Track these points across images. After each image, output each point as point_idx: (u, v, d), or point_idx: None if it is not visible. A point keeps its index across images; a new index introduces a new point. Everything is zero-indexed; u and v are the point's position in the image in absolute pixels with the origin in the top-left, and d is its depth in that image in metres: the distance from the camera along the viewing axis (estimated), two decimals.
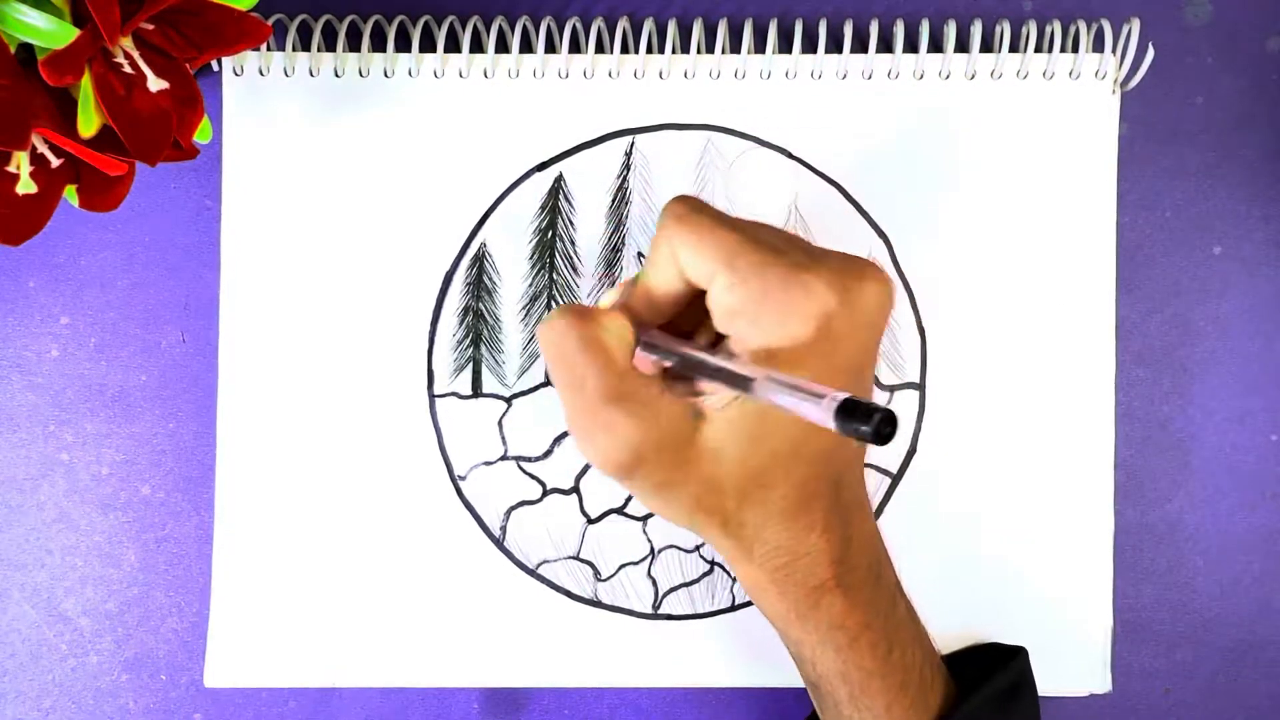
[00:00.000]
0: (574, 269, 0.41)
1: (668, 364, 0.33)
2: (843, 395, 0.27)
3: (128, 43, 0.31)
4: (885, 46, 0.41)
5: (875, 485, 0.41)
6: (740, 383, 0.30)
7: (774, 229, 0.33)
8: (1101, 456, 0.40)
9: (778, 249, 0.32)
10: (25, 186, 0.32)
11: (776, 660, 0.40)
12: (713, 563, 0.41)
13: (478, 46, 0.41)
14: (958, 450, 0.40)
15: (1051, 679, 0.40)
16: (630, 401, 0.32)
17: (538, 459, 0.41)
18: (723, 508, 0.32)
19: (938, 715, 0.35)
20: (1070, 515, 0.40)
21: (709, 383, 0.32)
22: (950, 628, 0.40)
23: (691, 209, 0.33)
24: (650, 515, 0.41)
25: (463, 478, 0.41)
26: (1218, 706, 0.42)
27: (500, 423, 0.41)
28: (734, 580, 0.40)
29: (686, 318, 0.34)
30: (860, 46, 0.41)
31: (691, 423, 0.32)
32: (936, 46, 0.41)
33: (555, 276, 0.41)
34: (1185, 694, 0.42)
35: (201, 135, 0.34)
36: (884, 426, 0.26)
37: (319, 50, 0.40)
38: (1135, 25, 0.39)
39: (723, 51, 0.40)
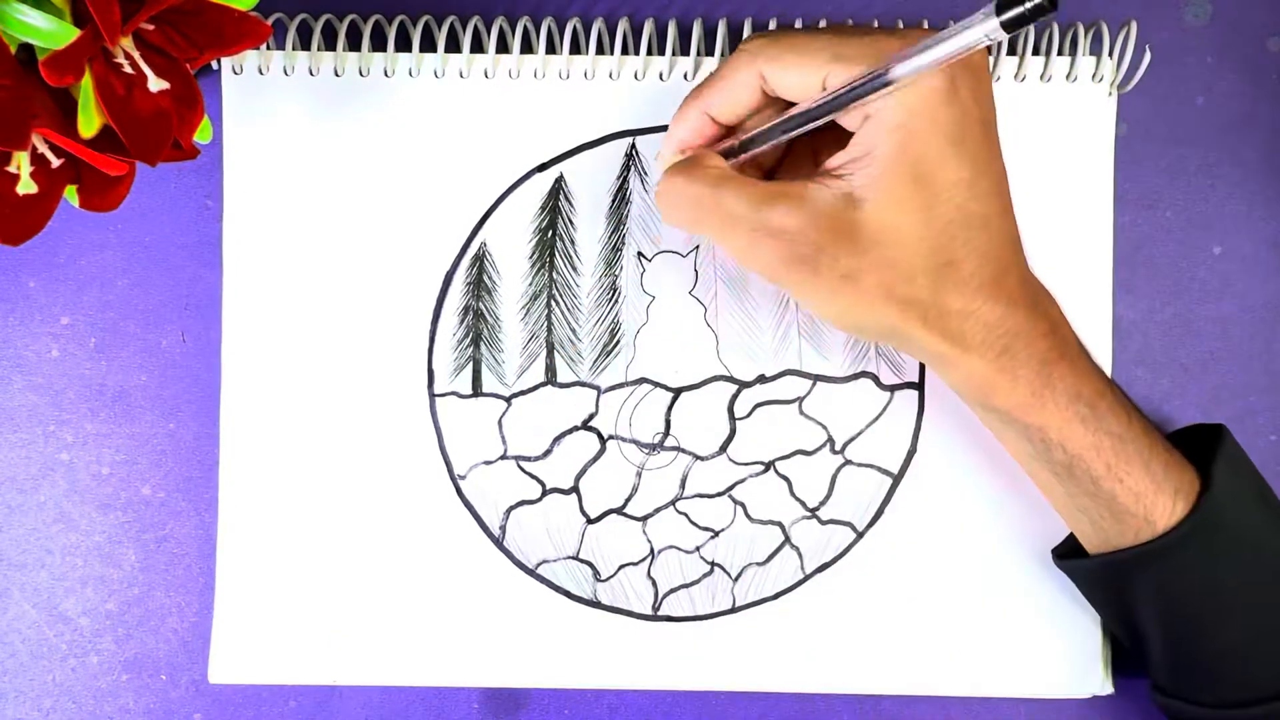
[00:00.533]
0: (574, 269, 0.41)
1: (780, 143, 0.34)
2: (990, 6, 0.27)
3: (128, 43, 0.31)
4: None
5: (875, 485, 0.41)
6: (875, 80, 0.31)
7: (847, 27, 0.34)
8: None
9: (864, 29, 0.33)
10: (25, 186, 0.32)
11: (778, 664, 0.40)
12: (713, 564, 0.41)
13: (478, 46, 0.41)
14: (958, 450, 0.40)
15: (1052, 681, 0.40)
16: (783, 199, 0.32)
17: (537, 458, 0.41)
18: (918, 297, 0.32)
19: (1195, 469, 0.35)
20: None
21: (829, 154, 0.33)
22: (950, 627, 0.40)
23: (769, 35, 0.34)
24: (650, 515, 0.41)
25: (462, 477, 0.41)
26: None
27: (500, 422, 0.41)
28: (735, 581, 0.41)
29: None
30: None
31: (850, 206, 0.32)
32: None
33: (555, 276, 0.41)
34: None
35: (202, 135, 0.34)
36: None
37: (319, 49, 0.40)
38: (1133, 27, 0.39)
39: (722, 52, 0.40)
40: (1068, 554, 0.38)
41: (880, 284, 0.32)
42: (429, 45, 0.40)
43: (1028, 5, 0.26)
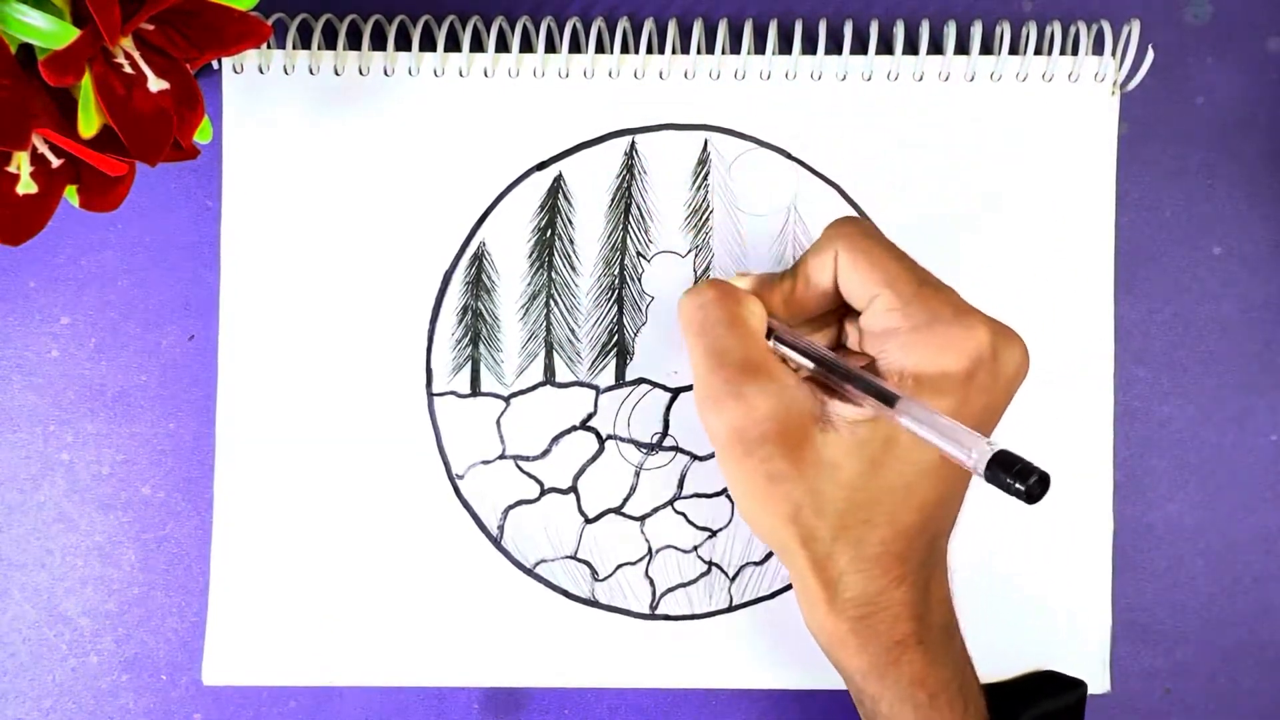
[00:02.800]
0: (573, 268, 0.41)
1: (799, 362, 0.34)
2: (998, 445, 0.27)
3: (128, 43, 0.31)
4: (885, 48, 0.41)
5: None
6: (883, 398, 0.31)
7: (929, 272, 0.34)
8: (1101, 456, 0.40)
9: (941, 286, 0.33)
10: (25, 186, 0.32)
11: (774, 662, 0.40)
12: (710, 563, 0.41)
13: (478, 46, 0.41)
14: None
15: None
16: (768, 379, 0.33)
17: (536, 458, 0.41)
18: (818, 534, 0.32)
19: None
20: (1070, 515, 0.40)
21: (839, 398, 0.33)
22: None
23: (863, 231, 0.34)
24: (648, 515, 0.41)
25: (461, 476, 0.41)
26: (1218, 706, 0.41)
27: (498, 422, 0.41)
28: (731, 581, 0.40)
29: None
30: (860, 47, 0.41)
31: (817, 424, 0.32)
32: (936, 48, 0.41)
33: (554, 275, 0.41)
34: (1185, 694, 0.42)
35: (202, 135, 0.34)
36: (1038, 487, 0.26)
37: (319, 49, 0.40)
38: (1135, 27, 0.39)
39: (723, 52, 0.40)
40: None
41: (793, 502, 0.32)
42: (429, 44, 0.40)
43: (1017, 484, 0.26)
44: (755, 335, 0.34)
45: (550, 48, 0.40)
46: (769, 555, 0.41)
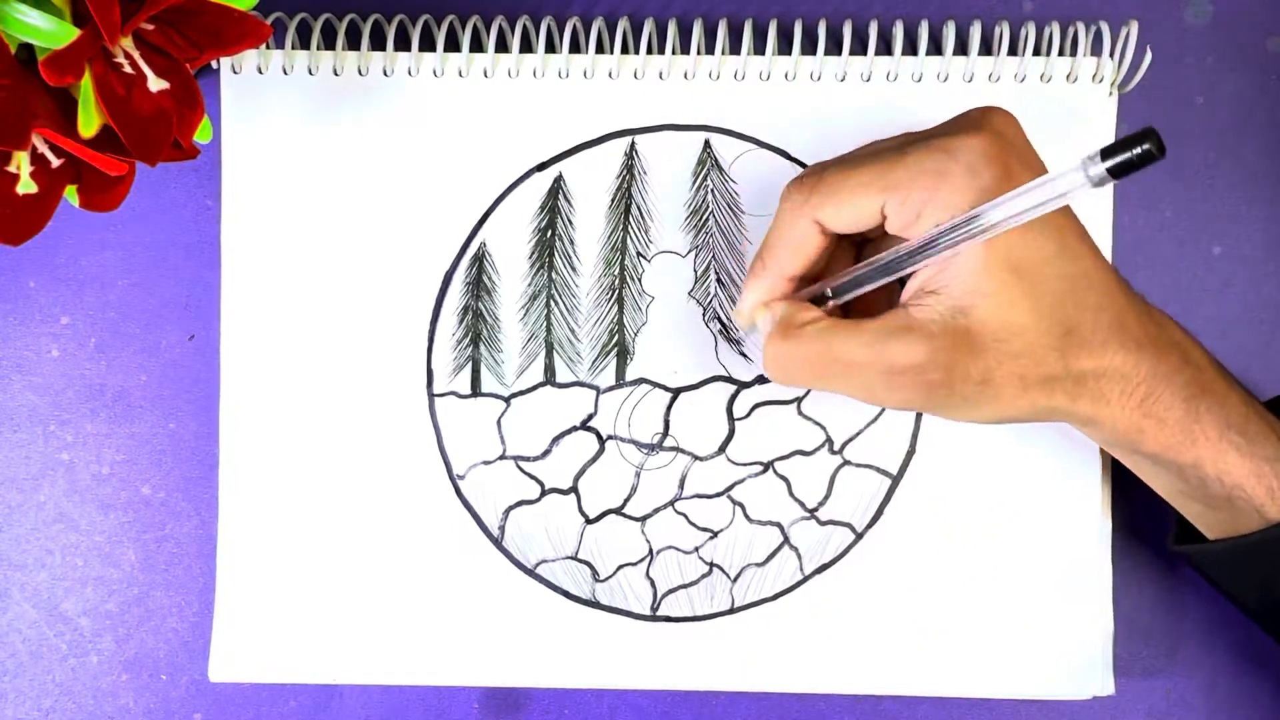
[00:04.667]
0: (573, 268, 0.41)
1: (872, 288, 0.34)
2: (1093, 151, 0.27)
3: (128, 43, 0.31)
4: (885, 48, 0.41)
5: (875, 486, 0.40)
6: (970, 230, 0.30)
7: (887, 144, 0.34)
8: (1101, 456, 0.40)
9: (909, 140, 0.33)
10: (25, 186, 0.32)
11: (776, 664, 0.40)
12: (712, 564, 0.41)
13: (478, 46, 0.41)
14: (957, 450, 0.40)
15: (1053, 682, 0.40)
16: (896, 334, 0.32)
17: (536, 458, 0.41)
18: (1052, 373, 0.32)
19: None
20: (1070, 515, 0.40)
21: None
22: (949, 629, 0.40)
23: (809, 179, 0.34)
24: (649, 516, 0.41)
25: (461, 477, 0.41)
26: (1218, 706, 0.41)
27: (499, 422, 0.41)
28: (733, 581, 0.41)
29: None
30: (860, 48, 0.41)
31: (960, 316, 0.32)
32: (936, 48, 0.41)
33: (555, 276, 0.41)
34: (1185, 694, 0.42)
35: (202, 135, 0.34)
36: (1155, 141, 0.25)
37: (318, 49, 0.40)
38: (1133, 28, 0.39)
39: (723, 52, 0.40)
40: (1188, 538, 0.37)
41: (1014, 376, 0.32)
42: (428, 44, 0.40)
43: (1135, 151, 0.26)
44: (841, 326, 0.33)
45: (550, 48, 0.40)
46: (771, 556, 0.41)
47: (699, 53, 0.40)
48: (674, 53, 0.40)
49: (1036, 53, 0.40)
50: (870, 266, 0.34)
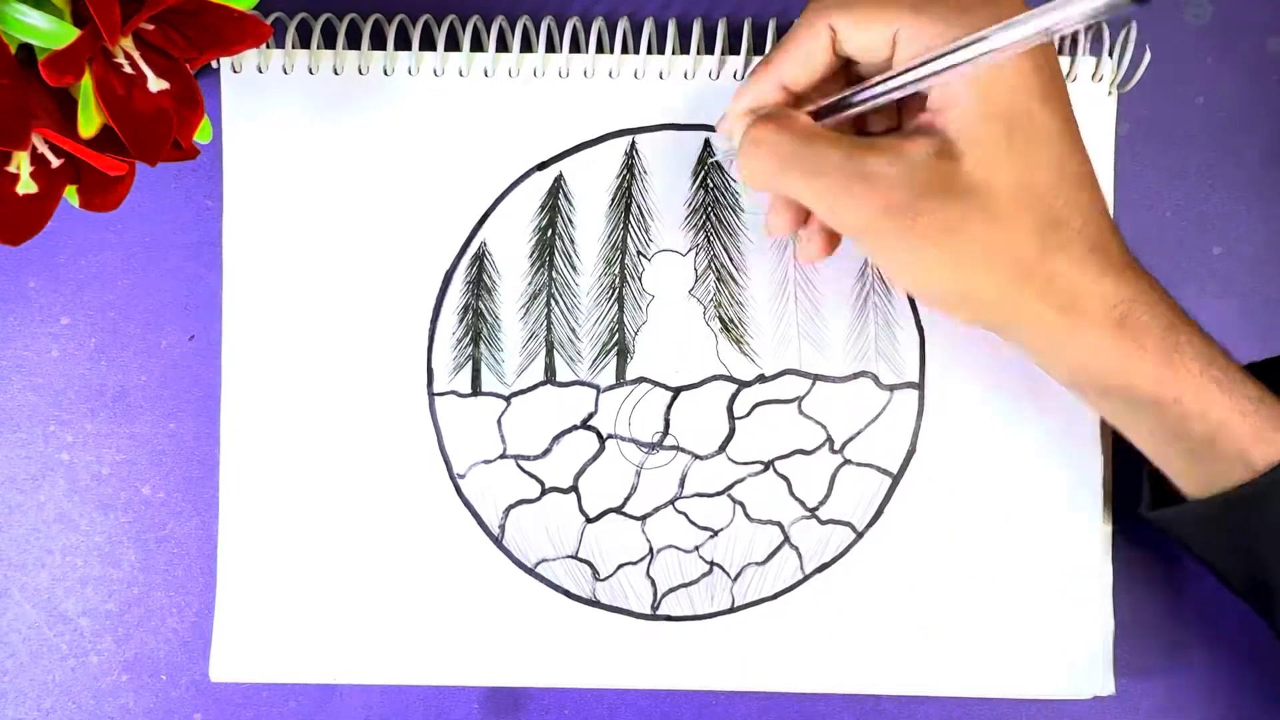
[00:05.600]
0: (573, 268, 0.41)
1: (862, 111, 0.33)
2: None
3: (128, 43, 0.31)
4: None
5: (875, 485, 0.40)
6: (976, 52, 0.29)
7: None
8: (1101, 456, 0.40)
9: None
10: (25, 186, 0.32)
11: (776, 663, 0.40)
12: (712, 563, 0.41)
13: (478, 46, 0.41)
14: (957, 450, 0.40)
15: (1054, 682, 0.40)
16: (878, 150, 0.31)
17: (536, 457, 0.41)
18: (1025, 258, 0.30)
19: None
20: (1070, 515, 0.40)
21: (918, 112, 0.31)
22: (949, 628, 0.40)
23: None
24: (649, 515, 0.41)
25: (462, 476, 0.41)
26: (1218, 707, 0.41)
27: (499, 421, 0.41)
28: (734, 580, 0.41)
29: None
30: None
31: (947, 157, 0.30)
32: None
33: (555, 275, 0.41)
34: (1185, 694, 0.42)
35: (202, 135, 0.34)
36: None
37: (318, 48, 0.40)
38: (1133, 27, 0.39)
39: (722, 52, 0.40)
40: (1160, 503, 0.35)
41: (984, 240, 0.30)
42: (428, 44, 0.40)
43: None
44: (830, 132, 0.32)
45: (550, 48, 0.40)
46: (771, 555, 0.41)
47: (699, 52, 0.40)
48: (674, 53, 0.40)
49: None
50: (857, 89, 0.33)
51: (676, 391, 0.41)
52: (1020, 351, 0.34)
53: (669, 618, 0.41)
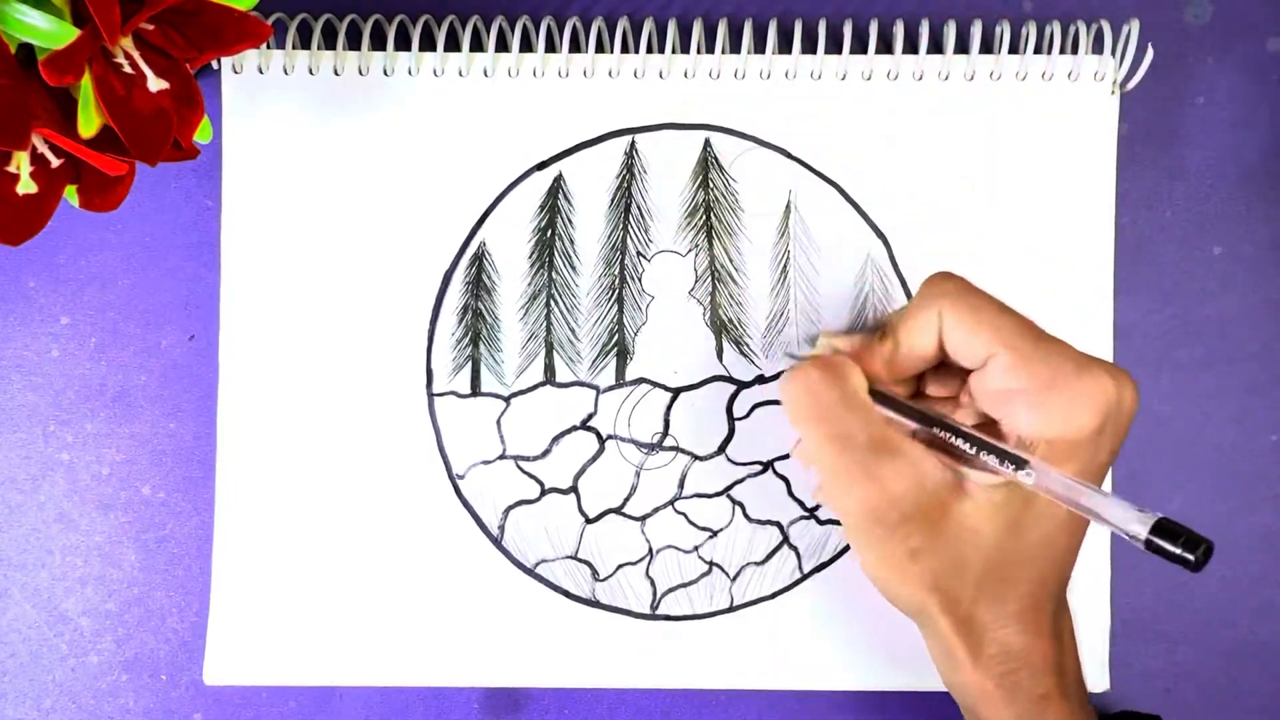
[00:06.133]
0: (573, 268, 0.41)
1: (910, 426, 0.33)
2: (1155, 514, 0.28)
3: (128, 43, 0.31)
4: (885, 47, 0.41)
5: None
6: (1013, 464, 0.31)
7: (1039, 326, 0.34)
8: None
9: (1055, 338, 0.33)
10: (25, 186, 0.32)
11: (775, 663, 0.40)
12: (711, 563, 0.41)
13: (477, 45, 0.41)
14: None
15: None
16: (899, 457, 0.32)
17: (536, 458, 0.41)
18: (959, 597, 0.32)
19: None
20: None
21: (960, 462, 0.33)
22: None
23: (967, 287, 0.33)
24: (649, 515, 0.41)
25: (461, 476, 0.41)
26: (1218, 706, 0.41)
27: (499, 422, 0.41)
28: (733, 580, 0.40)
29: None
30: (860, 47, 0.41)
31: (951, 495, 0.32)
32: (936, 47, 0.41)
33: (555, 275, 0.41)
34: (1185, 694, 0.42)
35: (202, 135, 0.34)
36: (1204, 556, 0.27)
37: (318, 48, 0.40)
38: (1134, 26, 0.39)
39: (723, 51, 0.40)
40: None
41: (933, 573, 0.32)
42: (428, 44, 0.40)
43: (1186, 554, 0.27)
44: (873, 411, 0.33)
45: (550, 48, 0.40)
46: (770, 555, 0.41)
47: (699, 52, 0.40)
48: (674, 52, 0.40)
49: (1037, 51, 0.40)
50: (920, 411, 0.33)
51: (676, 392, 0.41)
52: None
53: (668, 617, 0.41)
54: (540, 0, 0.42)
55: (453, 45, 0.40)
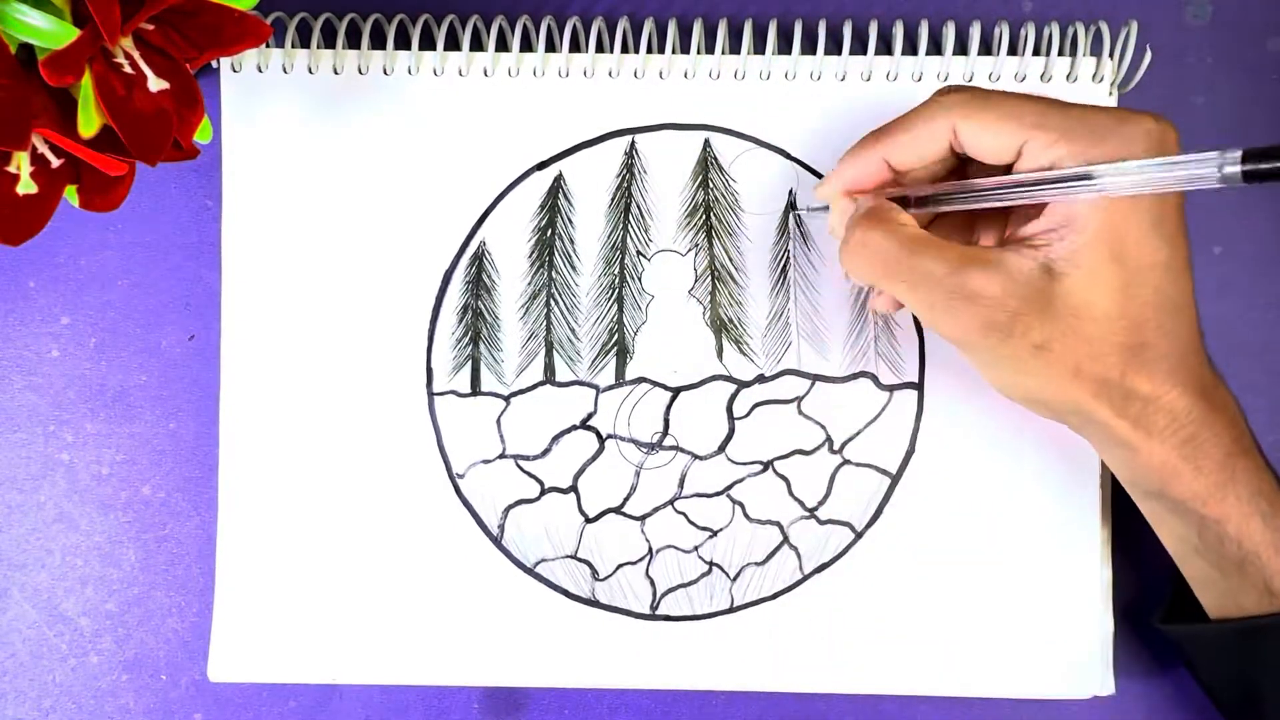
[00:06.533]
0: (573, 267, 0.41)
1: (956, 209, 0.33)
2: (1237, 148, 0.27)
3: (128, 43, 0.31)
4: (885, 48, 0.41)
5: (875, 485, 0.40)
6: (1083, 185, 0.30)
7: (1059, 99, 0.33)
8: (1100, 456, 0.40)
9: (1079, 105, 0.32)
10: (25, 186, 0.32)
11: (775, 663, 0.40)
12: (711, 563, 0.41)
13: (477, 45, 0.41)
14: (956, 450, 0.40)
15: (1053, 681, 0.40)
16: (981, 264, 0.32)
17: (536, 457, 0.41)
18: (1107, 376, 0.32)
19: None
20: (1070, 515, 0.40)
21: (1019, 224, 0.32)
22: (949, 628, 0.40)
23: (972, 91, 0.33)
24: (648, 515, 0.41)
25: (461, 476, 0.41)
26: None
27: (499, 421, 0.41)
28: (733, 580, 0.40)
29: None
30: (860, 48, 0.41)
31: (1048, 277, 0.31)
32: (936, 48, 0.41)
33: (554, 275, 0.41)
34: (1185, 694, 0.41)
35: (202, 135, 0.34)
36: None
37: (318, 48, 0.40)
38: (1133, 28, 0.39)
39: (723, 51, 0.40)
40: (1174, 618, 0.37)
41: (1070, 358, 0.31)
42: (428, 43, 0.40)
43: (1276, 164, 0.26)
44: (934, 240, 0.33)
45: (550, 47, 0.40)
46: (770, 555, 0.41)
47: (699, 52, 0.40)
48: (674, 52, 0.40)
49: (1036, 52, 0.40)
50: (966, 189, 0.33)
51: (676, 391, 0.41)
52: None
53: (668, 618, 0.41)
54: (540, 0, 0.42)
55: (453, 45, 0.40)
